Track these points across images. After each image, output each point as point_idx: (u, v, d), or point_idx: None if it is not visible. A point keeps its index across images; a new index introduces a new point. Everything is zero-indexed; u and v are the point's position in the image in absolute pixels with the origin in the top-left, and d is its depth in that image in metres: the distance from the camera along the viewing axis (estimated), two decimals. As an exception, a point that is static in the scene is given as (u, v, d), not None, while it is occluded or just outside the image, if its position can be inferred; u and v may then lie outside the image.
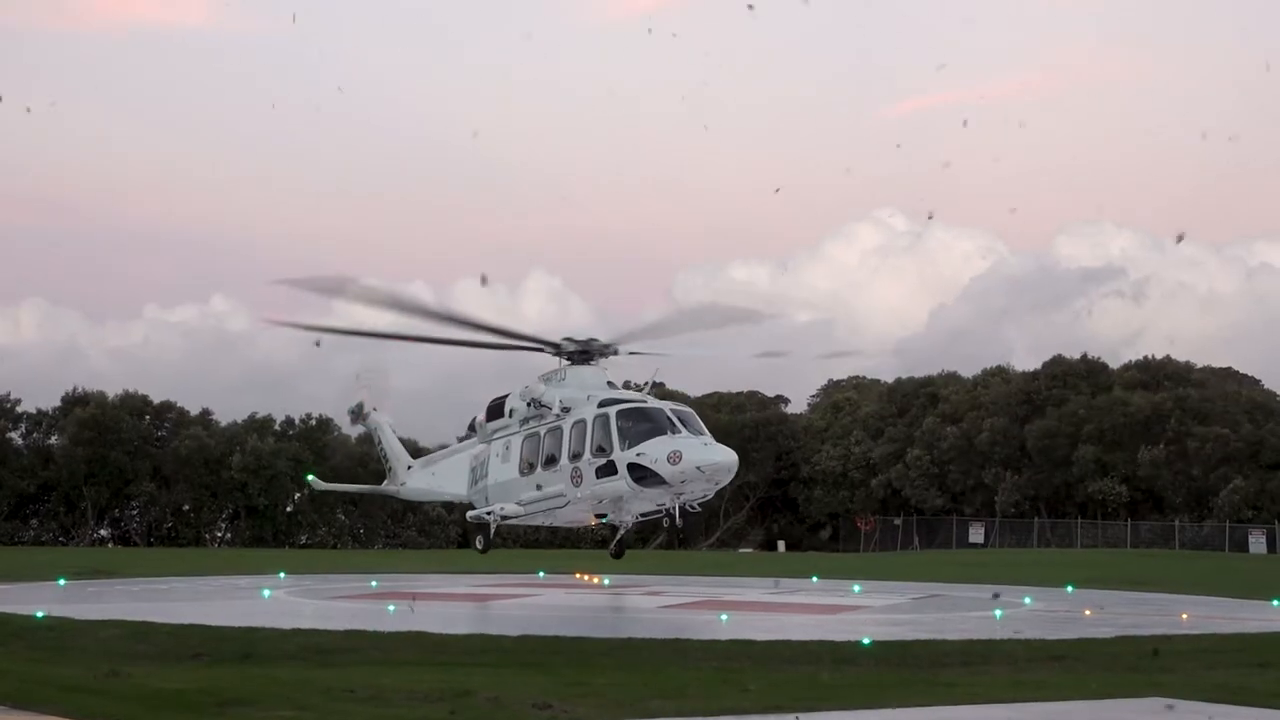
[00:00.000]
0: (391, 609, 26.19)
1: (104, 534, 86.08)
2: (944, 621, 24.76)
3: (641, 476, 29.32)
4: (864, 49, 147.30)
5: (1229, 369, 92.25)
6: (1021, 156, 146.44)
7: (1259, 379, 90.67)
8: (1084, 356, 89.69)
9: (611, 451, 29.80)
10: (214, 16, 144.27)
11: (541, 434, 32.05)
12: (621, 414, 30.10)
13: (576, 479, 30.76)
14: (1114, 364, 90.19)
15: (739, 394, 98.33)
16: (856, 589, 34.71)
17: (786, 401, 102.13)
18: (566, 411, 31.32)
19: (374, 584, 35.02)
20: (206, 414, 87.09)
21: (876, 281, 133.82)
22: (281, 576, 37.62)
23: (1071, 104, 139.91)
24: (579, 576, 39.55)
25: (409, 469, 40.37)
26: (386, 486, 41.92)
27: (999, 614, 26.16)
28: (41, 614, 22.96)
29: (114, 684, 14.56)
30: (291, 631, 20.23)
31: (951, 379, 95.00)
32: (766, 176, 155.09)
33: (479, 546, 34.46)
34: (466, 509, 36.04)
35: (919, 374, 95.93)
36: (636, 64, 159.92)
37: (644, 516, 32.04)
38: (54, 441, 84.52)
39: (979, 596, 32.21)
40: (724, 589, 34.82)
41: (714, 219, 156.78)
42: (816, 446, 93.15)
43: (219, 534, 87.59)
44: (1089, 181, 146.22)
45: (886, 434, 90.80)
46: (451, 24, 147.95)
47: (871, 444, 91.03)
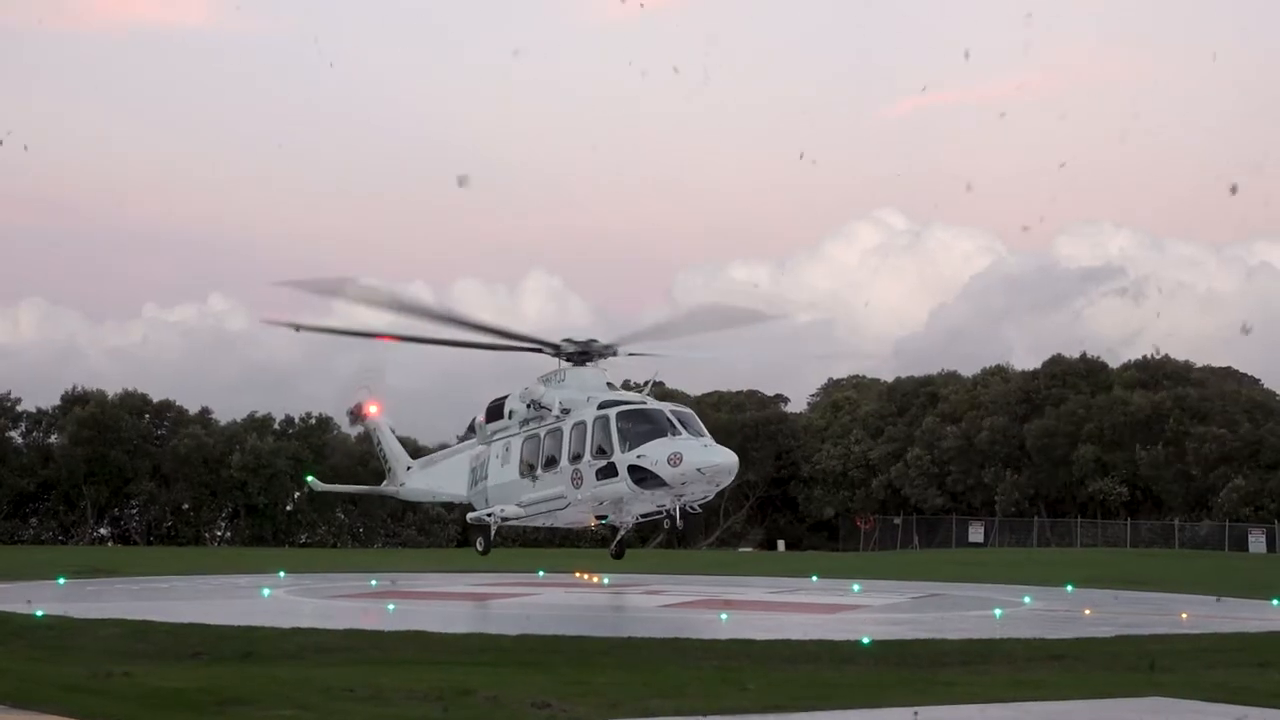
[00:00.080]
0: (391, 608, 26.21)
1: (103, 533, 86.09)
2: (943, 621, 24.77)
3: (642, 478, 29.25)
4: (864, 49, 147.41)
5: (1229, 368, 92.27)
6: (1022, 156, 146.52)
7: (1259, 378, 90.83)
8: (1083, 356, 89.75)
9: (612, 453, 29.74)
10: (214, 16, 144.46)
11: (541, 435, 32.00)
12: (621, 415, 30.04)
13: (577, 481, 30.71)
14: (1113, 363, 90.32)
15: (739, 393, 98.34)
16: (856, 588, 34.72)
17: (786, 400, 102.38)
18: (566, 413, 31.25)
19: (373, 583, 35.03)
20: (206, 413, 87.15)
21: (876, 281, 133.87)
22: (281, 575, 37.61)
23: (1071, 104, 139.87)
24: (578, 576, 39.56)
25: (408, 469, 40.38)
26: (386, 487, 41.92)
27: (999, 613, 26.18)
28: (41, 613, 22.95)
29: (113, 683, 14.54)
30: (291, 630, 20.21)
31: (951, 378, 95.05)
32: (766, 176, 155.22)
33: (479, 548, 34.44)
34: (466, 509, 36.06)
35: (919, 373, 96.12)
36: (636, 64, 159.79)
37: (644, 517, 32.05)
38: (53, 440, 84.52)
39: (978, 596, 32.21)
40: (724, 588, 34.82)
41: (714, 219, 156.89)
42: (816, 446, 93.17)
43: (218, 533, 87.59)
44: (1089, 181, 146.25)
45: (886, 433, 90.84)
46: (451, 24, 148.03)
47: (871, 443, 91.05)
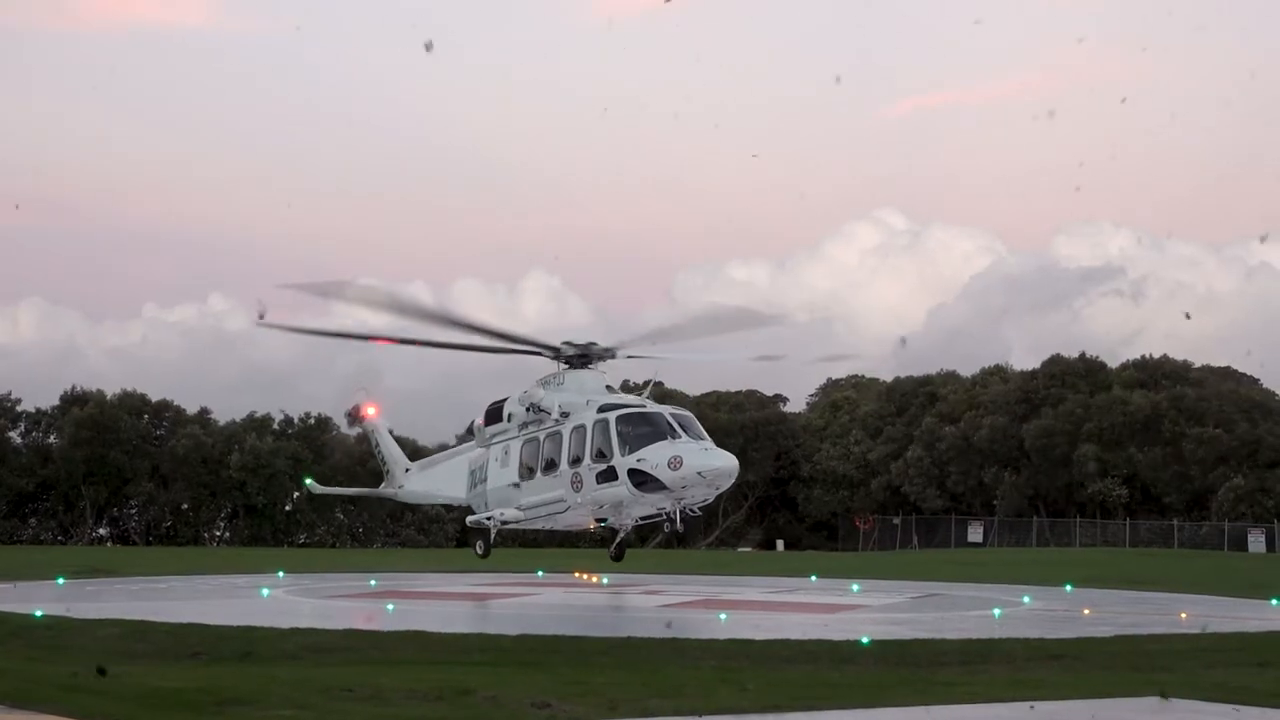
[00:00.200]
0: (390, 608, 26.19)
1: (102, 533, 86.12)
2: (943, 621, 24.75)
3: (642, 482, 29.21)
4: (864, 49, 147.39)
5: (1228, 368, 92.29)
6: (1022, 156, 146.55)
7: (1258, 378, 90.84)
8: (1082, 355, 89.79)
9: (612, 457, 29.70)
10: (214, 16, 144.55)
11: (541, 439, 31.94)
12: (621, 419, 30.00)
13: (577, 484, 30.66)
14: (1112, 363, 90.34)
15: (738, 393, 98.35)
16: (855, 588, 34.69)
17: (785, 400, 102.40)
18: (565, 416, 31.18)
19: (373, 583, 35.00)
20: (205, 413, 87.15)
21: (876, 281, 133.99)
22: (280, 575, 37.57)
23: (1071, 104, 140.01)
24: (578, 576, 39.53)
25: (406, 472, 40.31)
26: (384, 489, 41.86)
27: (998, 613, 26.17)
28: (40, 613, 22.92)
29: (111, 683, 14.53)
30: (290, 630, 20.19)
31: (950, 378, 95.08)
32: (766, 176, 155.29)
33: (479, 552, 34.34)
34: (465, 510, 36.01)
35: (918, 373, 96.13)
36: (636, 64, 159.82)
37: (644, 520, 32.02)
38: (53, 440, 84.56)
39: (978, 596, 32.20)
40: (723, 588, 34.80)
41: (714, 219, 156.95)
42: (816, 445, 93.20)
43: (217, 533, 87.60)
44: (1089, 181, 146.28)
45: (885, 433, 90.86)
46: (451, 24, 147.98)
47: (870, 443, 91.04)
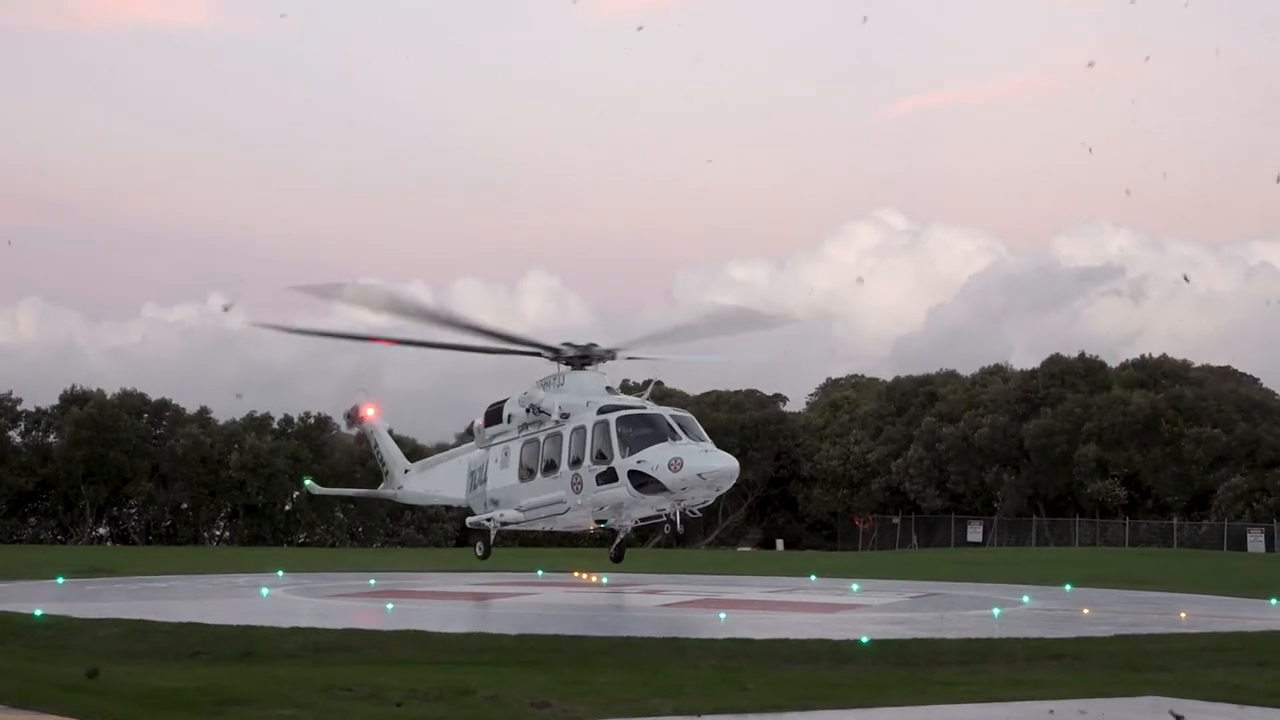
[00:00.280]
0: (390, 607, 26.19)
1: (102, 532, 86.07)
2: (942, 620, 24.75)
3: (642, 483, 29.22)
4: (864, 49, 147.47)
5: (1228, 368, 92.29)
6: (1022, 156, 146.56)
7: (1257, 378, 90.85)
8: (1082, 355, 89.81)
9: (612, 458, 29.72)
10: (214, 16, 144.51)
11: (541, 440, 31.95)
12: (622, 420, 30.01)
13: (577, 486, 30.67)
14: (1112, 363, 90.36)
15: (738, 392, 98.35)
16: (855, 588, 34.69)
17: (785, 400, 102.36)
18: (566, 417, 31.18)
19: (372, 582, 35.00)
20: (204, 412, 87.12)
21: (875, 281, 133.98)
22: (280, 575, 37.58)
23: (1071, 104, 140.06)
24: (578, 575, 39.53)
25: (406, 472, 40.30)
26: (383, 490, 41.86)
27: (997, 612, 26.17)
28: (40, 612, 22.91)
29: (111, 683, 14.53)
30: (290, 630, 20.18)
31: (950, 378, 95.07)
32: (766, 176, 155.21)
33: (479, 553, 34.35)
34: (465, 510, 36.01)
35: (917, 373, 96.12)
36: (637, 64, 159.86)
37: (644, 521, 32.03)
38: (52, 440, 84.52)
39: (977, 595, 32.20)
40: (723, 588, 34.80)
41: (714, 219, 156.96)
42: (815, 445, 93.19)
43: (217, 532, 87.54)
44: (1089, 181, 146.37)
45: (885, 433, 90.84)
46: (451, 24, 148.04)
47: (870, 443, 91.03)
